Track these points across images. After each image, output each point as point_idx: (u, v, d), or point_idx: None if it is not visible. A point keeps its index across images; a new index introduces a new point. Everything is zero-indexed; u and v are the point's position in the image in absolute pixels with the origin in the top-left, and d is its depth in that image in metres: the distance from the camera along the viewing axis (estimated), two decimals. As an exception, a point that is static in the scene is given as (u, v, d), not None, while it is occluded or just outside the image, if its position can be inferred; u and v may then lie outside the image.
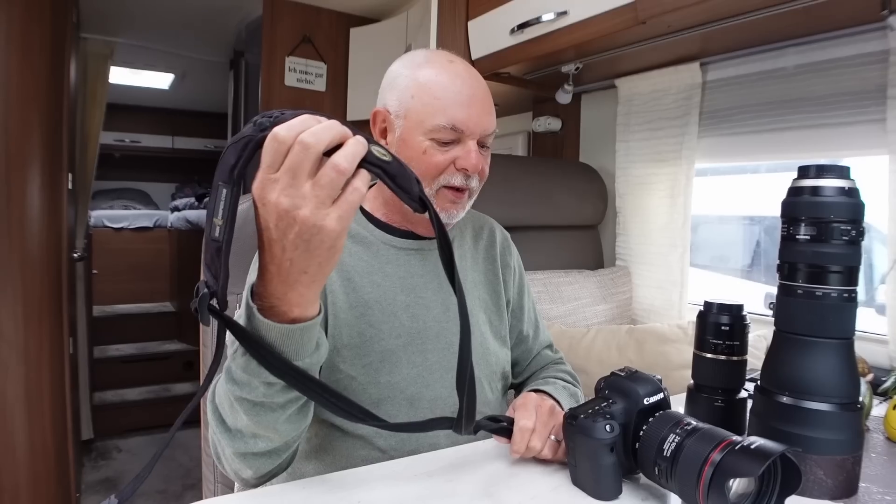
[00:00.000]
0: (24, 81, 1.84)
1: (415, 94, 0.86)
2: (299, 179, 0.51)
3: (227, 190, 0.53)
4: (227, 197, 0.53)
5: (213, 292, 0.55)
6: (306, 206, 0.51)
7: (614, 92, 1.86)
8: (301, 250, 0.53)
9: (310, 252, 0.54)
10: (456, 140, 0.86)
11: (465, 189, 0.88)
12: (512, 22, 1.57)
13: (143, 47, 3.56)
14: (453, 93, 0.85)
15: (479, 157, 0.87)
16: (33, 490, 1.92)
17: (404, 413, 0.86)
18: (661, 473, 0.61)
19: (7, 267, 1.83)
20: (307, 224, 0.52)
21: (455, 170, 0.86)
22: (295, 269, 0.55)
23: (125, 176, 5.52)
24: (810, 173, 0.71)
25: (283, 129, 0.51)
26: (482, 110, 0.87)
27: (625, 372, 0.71)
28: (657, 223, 1.75)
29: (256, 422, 0.64)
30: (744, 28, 1.32)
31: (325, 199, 0.52)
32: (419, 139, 0.86)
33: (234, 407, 0.65)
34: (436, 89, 0.85)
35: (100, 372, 3.50)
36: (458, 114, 0.85)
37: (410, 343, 0.88)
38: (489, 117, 0.88)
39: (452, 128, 0.84)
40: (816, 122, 1.39)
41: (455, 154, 0.86)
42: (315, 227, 0.52)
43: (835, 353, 0.69)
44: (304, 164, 0.50)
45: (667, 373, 1.36)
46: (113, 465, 3.00)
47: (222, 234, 0.53)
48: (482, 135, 0.87)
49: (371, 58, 2.75)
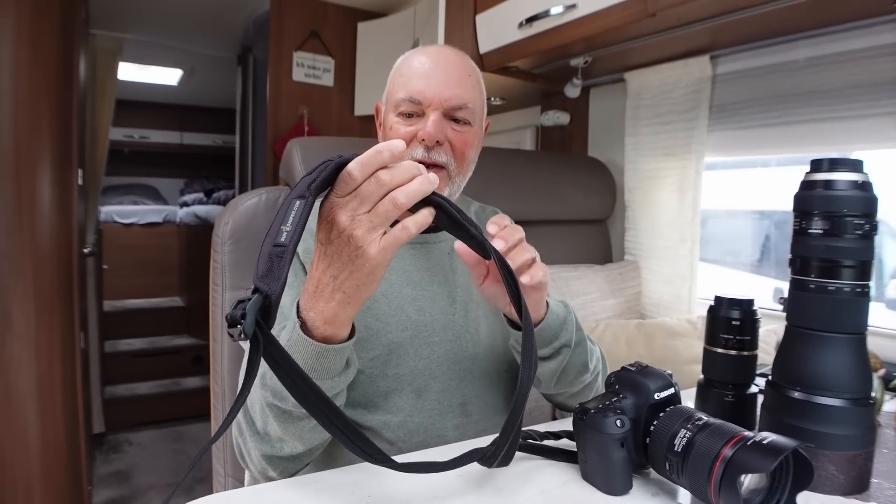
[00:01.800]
0: (34, 77, 1.85)
1: (392, 79, 0.91)
2: (364, 206, 0.56)
3: (301, 202, 0.55)
4: (300, 207, 0.54)
5: (267, 297, 0.53)
6: (360, 227, 0.56)
7: (623, 85, 1.85)
8: (345, 268, 0.58)
9: (352, 272, 0.58)
10: (419, 113, 0.87)
11: (432, 164, 0.86)
12: (520, 16, 1.56)
13: (151, 43, 3.57)
14: (417, 68, 0.88)
15: (436, 125, 0.85)
16: (46, 483, 1.94)
17: (412, 405, 0.86)
18: (672, 468, 0.61)
19: (19, 262, 1.84)
20: (355, 243, 0.56)
21: (417, 143, 0.86)
22: (335, 285, 0.59)
23: (134, 172, 5.56)
24: (823, 167, 0.70)
25: (357, 167, 0.55)
26: (444, 80, 0.87)
27: (635, 367, 0.70)
28: (666, 217, 1.74)
29: (284, 429, 0.65)
30: (754, 20, 1.31)
31: (377, 225, 0.56)
32: (390, 117, 0.89)
33: (264, 411, 0.67)
34: (405, 69, 0.90)
35: (110, 366, 3.53)
36: (416, 84, 0.86)
37: (417, 335, 0.88)
38: (454, 89, 0.87)
39: (410, 99, 0.86)
40: (828, 115, 1.38)
41: (417, 127, 0.86)
42: (359, 248, 0.56)
43: (847, 348, 0.69)
44: (373, 196, 0.55)
45: (676, 367, 1.36)
46: (124, 459, 3.02)
47: (289, 238, 0.53)
48: (445, 106, 0.86)
49: (379, 52, 2.74)
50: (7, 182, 1.81)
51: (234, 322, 0.51)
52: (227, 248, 1.11)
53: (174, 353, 4.03)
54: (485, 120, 0.96)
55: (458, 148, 0.88)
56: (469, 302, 0.95)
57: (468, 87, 0.89)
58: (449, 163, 0.88)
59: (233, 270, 1.12)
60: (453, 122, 0.88)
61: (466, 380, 0.91)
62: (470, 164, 0.92)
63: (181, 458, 3.04)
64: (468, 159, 0.91)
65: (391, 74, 0.93)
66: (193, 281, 4.43)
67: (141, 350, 3.96)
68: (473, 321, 0.94)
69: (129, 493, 2.65)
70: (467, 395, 0.90)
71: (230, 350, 1.12)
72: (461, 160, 0.89)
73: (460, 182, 0.92)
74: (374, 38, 2.78)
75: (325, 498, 0.64)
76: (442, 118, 0.86)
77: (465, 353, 0.91)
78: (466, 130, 0.89)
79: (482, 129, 0.95)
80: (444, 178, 0.88)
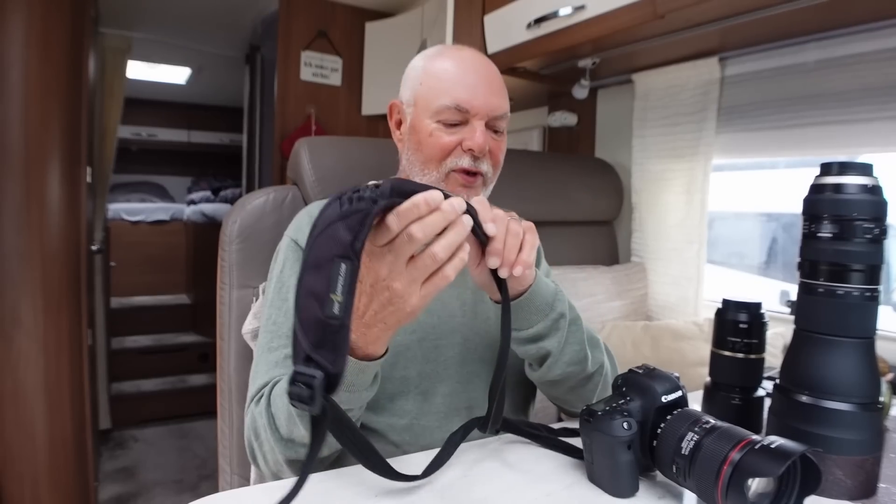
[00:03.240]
0: (44, 75, 1.86)
1: (423, 80, 0.89)
2: (401, 260, 0.56)
3: (347, 265, 0.51)
4: (347, 272, 0.51)
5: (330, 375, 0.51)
6: (400, 281, 0.56)
7: (631, 87, 1.85)
8: (385, 310, 0.59)
9: (393, 313, 0.59)
10: (462, 121, 0.86)
11: (475, 172, 0.87)
12: (528, 16, 1.56)
13: (160, 42, 3.58)
14: (458, 74, 0.87)
15: (485, 136, 0.86)
16: (52, 478, 1.95)
17: (418, 408, 0.86)
18: (679, 471, 0.60)
19: (27, 259, 1.85)
20: (396, 294, 0.57)
21: (462, 151, 0.86)
22: (375, 319, 0.60)
23: (142, 170, 5.57)
24: (833, 170, 0.70)
25: (395, 220, 0.54)
26: (488, 90, 0.87)
27: (643, 369, 0.70)
28: (673, 219, 1.73)
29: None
30: (764, 22, 1.30)
31: (417, 278, 0.57)
32: (426, 122, 0.87)
33: (292, 419, 0.68)
34: (441, 73, 0.88)
35: (117, 363, 3.55)
36: (462, 94, 0.86)
37: (425, 338, 0.88)
38: (497, 99, 0.88)
39: (457, 107, 0.85)
40: (838, 118, 1.37)
41: (462, 136, 0.86)
42: (401, 299, 0.57)
43: (855, 352, 0.68)
44: (408, 251, 0.56)
45: (682, 370, 1.35)
46: (130, 455, 3.04)
47: (342, 311, 0.51)
48: (489, 115, 0.87)
49: (386, 52, 2.75)
50: (16, 179, 1.82)
51: (301, 399, 0.51)
52: (235, 246, 1.12)
53: (181, 350, 4.05)
54: None
55: (496, 156, 0.90)
56: (478, 304, 0.95)
57: (504, 97, 0.90)
58: (488, 171, 0.89)
59: (240, 268, 1.12)
60: (492, 131, 0.89)
61: (473, 383, 0.90)
62: (500, 169, 0.94)
63: (187, 454, 3.05)
64: (500, 165, 0.92)
65: (418, 75, 0.91)
66: (200, 279, 4.45)
67: (147, 347, 3.98)
68: (482, 324, 0.94)
69: (135, 490, 2.66)
70: (474, 398, 0.90)
71: (237, 348, 1.12)
72: (496, 167, 0.91)
73: (491, 187, 0.93)
74: (382, 37, 2.78)
75: (332, 496, 0.64)
76: (485, 127, 0.87)
77: (472, 357, 0.91)
78: (502, 139, 0.91)
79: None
80: (481, 185, 0.90)
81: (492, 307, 0.96)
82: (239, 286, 1.12)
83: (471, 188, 0.88)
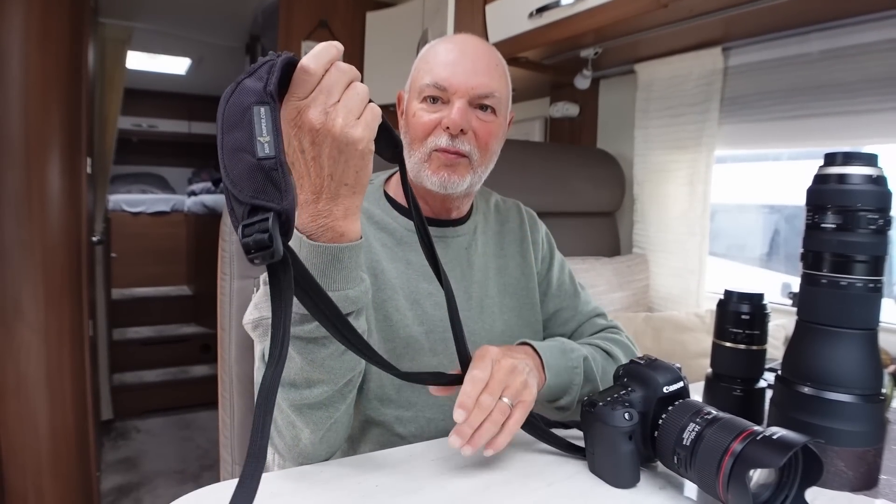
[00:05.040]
0: (44, 66, 1.86)
1: (416, 66, 0.91)
2: (333, 97, 0.54)
3: (265, 108, 0.49)
4: (267, 114, 0.49)
5: (280, 212, 0.48)
6: (338, 118, 0.54)
7: (633, 77, 1.84)
8: (338, 162, 0.56)
9: (346, 162, 0.57)
10: (444, 100, 0.85)
11: (456, 152, 0.85)
12: (530, 5, 1.55)
13: (160, 32, 3.57)
14: (441, 54, 0.87)
15: (462, 113, 0.84)
16: (55, 468, 1.96)
17: (424, 400, 0.86)
18: (681, 462, 0.60)
19: (28, 250, 1.85)
20: (340, 134, 0.55)
21: (441, 130, 0.85)
22: (335, 183, 0.57)
23: (142, 161, 5.56)
24: (837, 161, 0.70)
25: (312, 61, 0.53)
26: (471, 68, 0.85)
27: (644, 360, 0.70)
28: (676, 211, 1.73)
29: (310, 360, 0.63)
30: (768, 12, 1.29)
31: (354, 110, 0.55)
32: (413, 105, 0.88)
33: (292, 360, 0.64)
34: (430, 55, 0.89)
35: (119, 354, 3.55)
36: (441, 71, 0.85)
37: (433, 331, 0.88)
38: (481, 77, 0.85)
39: (435, 85, 0.85)
40: (842, 108, 1.36)
41: (443, 114, 0.85)
42: (346, 135, 0.55)
43: (858, 343, 0.68)
44: (339, 83, 0.55)
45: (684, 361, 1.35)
46: (132, 445, 3.05)
47: (273, 149, 0.48)
48: (471, 94, 0.85)
49: (387, 42, 2.73)
50: (17, 170, 1.82)
51: (262, 246, 0.47)
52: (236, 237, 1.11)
53: (182, 341, 4.05)
54: (509, 112, 0.94)
55: (482, 137, 0.87)
56: (485, 298, 0.94)
57: (495, 77, 0.88)
58: (472, 152, 0.86)
59: (241, 259, 1.12)
60: (479, 110, 0.86)
61: None
62: (493, 154, 0.91)
63: (188, 445, 3.06)
64: (491, 150, 0.89)
65: (416, 62, 0.91)
66: (201, 269, 4.44)
67: (149, 338, 3.99)
68: (489, 317, 0.94)
69: (137, 480, 2.67)
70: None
71: (238, 338, 1.12)
72: (484, 150, 0.88)
73: (482, 173, 0.90)
74: (383, 27, 2.76)
75: (333, 487, 0.64)
76: (467, 106, 0.85)
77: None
78: (491, 120, 0.88)
79: (506, 121, 0.93)
80: (467, 167, 0.87)
81: (499, 300, 0.96)
82: (240, 277, 1.12)
83: (452, 167, 0.86)
